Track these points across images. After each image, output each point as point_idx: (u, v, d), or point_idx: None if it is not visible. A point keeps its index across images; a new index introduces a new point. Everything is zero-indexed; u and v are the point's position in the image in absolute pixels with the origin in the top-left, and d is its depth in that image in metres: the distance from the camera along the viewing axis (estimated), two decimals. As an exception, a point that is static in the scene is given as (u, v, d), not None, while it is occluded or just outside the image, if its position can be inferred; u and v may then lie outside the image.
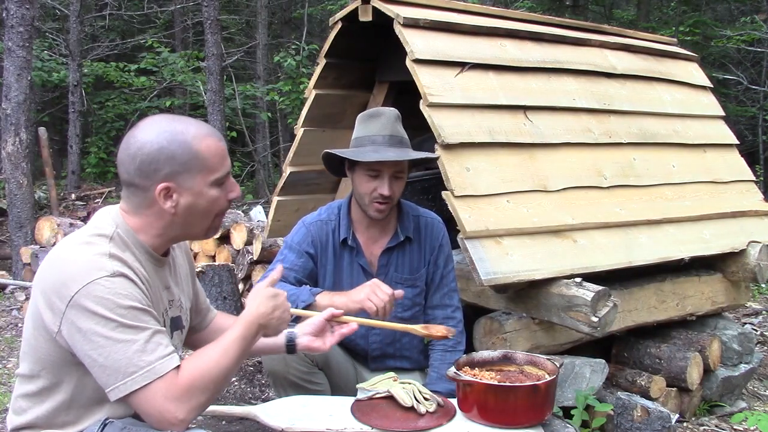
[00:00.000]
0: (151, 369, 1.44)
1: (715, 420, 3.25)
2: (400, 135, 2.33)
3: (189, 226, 1.61)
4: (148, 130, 1.55)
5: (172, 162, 1.52)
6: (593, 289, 2.56)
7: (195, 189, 1.56)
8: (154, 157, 1.51)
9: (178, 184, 1.54)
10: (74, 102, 10.92)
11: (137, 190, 1.56)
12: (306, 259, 2.40)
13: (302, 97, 6.86)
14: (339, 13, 3.27)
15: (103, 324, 1.43)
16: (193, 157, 1.54)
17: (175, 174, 1.53)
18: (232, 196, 1.64)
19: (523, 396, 1.95)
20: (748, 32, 10.13)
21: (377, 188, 2.29)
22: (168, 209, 1.55)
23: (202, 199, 1.57)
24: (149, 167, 1.52)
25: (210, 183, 1.57)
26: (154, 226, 1.59)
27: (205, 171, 1.56)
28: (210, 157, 1.56)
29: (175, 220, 1.58)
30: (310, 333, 1.92)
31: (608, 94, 3.47)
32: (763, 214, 3.69)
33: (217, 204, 1.61)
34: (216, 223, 1.66)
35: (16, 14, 5.97)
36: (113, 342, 1.43)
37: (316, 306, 2.19)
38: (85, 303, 1.43)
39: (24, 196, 6.22)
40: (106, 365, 1.44)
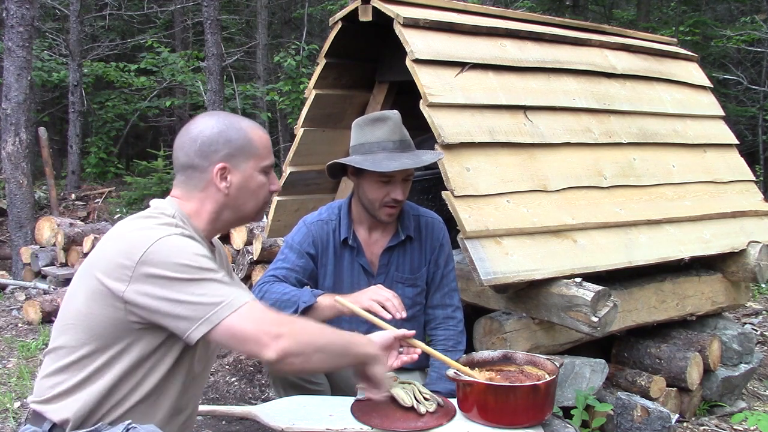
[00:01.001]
0: (238, 296, 1.50)
1: (715, 420, 3.25)
2: (408, 139, 2.35)
3: (239, 208, 1.72)
4: (208, 118, 1.72)
5: (230, 145, 1.67)
6: (593, 289, 2.56)
7: (247, 172, 1.70)
8: (215, 139, 1.67)
9: (232, 165, 1.68)
10: (74, 102, 10.92)
11: (194, 171, 1.68)
12: (307, 260, 2.40)
13: (302, 97, 6.85)
14: (339, 13, 3.27)
15: (180, 269, 1.48)
16: (247, 142, 1.69)
17: (231, 156, 1.67)
18: (274, 188, 1.77)
19: (523, 396, 1.95)
20: (748, 32, 10.13)
21: (389, 193, 2.30)
22: (222, 189, 1.68)
23: (252, 182, 1.71)
24: (209, 148, 1.66)
25: (260, 168, 1.72)
26: (206, 209, 1.70)
27: (257, 157, 1.71)
28: (261, 146, 1.72)
29: (227, 201, 1.69)
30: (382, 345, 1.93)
31: (608, 94, 3.47)
32: (763, 214, 3.69)
33: (263, 190, 1.74)
34: (263, 209, 1.78)
35: (16, 14, 5.98)
36: (193, 281, 1.48)
37: (318, 308, 2.19)
38: (157, 255, 1.49)
39: (24, 196, 6.22)
40: (191, 301, 1.47)
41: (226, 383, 3.63)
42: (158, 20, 14.39)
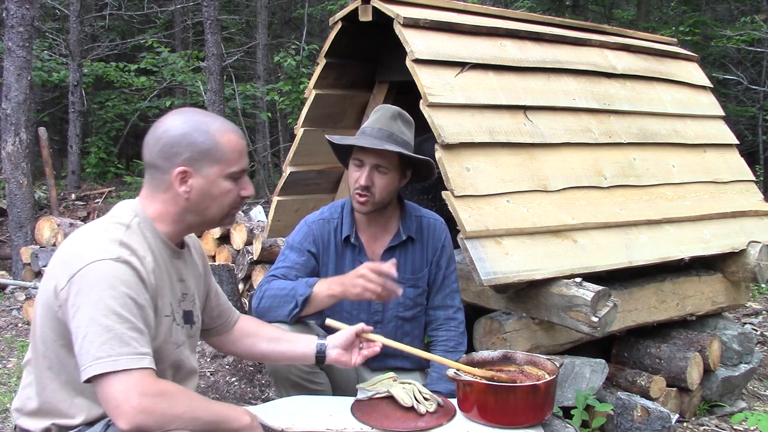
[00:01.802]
0: (118, 360, 1.44)
1: (715, 420, 3.25)
2: (390, 131, 2.32)
3: (201, 213, 1.66)
4: (176, 117, 1.65)
5: (193, 148, 1.60)
6: (593, 289, 2.56)
7: (210, 177, 1.63)
8: (177, 140, 1.60)
9: (194, 170, 1.61)
10: (74, 102, 10.92)
11: (157, 171, 1.63)
12: (308, 257, 2.41)
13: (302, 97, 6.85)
14: (339, 13, 3.27)
15: (93, 303, 1.45)
16: (213, 146, 1.62)
17: (194, 160, 1.61)
18: (244, 194, 1.70)
19: (523, 396, 1.95)
20: (748, 32, 10.13)
21: (358, 179, 2.31)
22: (182, 193, 1.62)
23: (215, 189, 1.64)
24: (171, 150, 1.60)
25: (225, 175, 1.64)
26: (170, 212, 1.65)
27: (223, 162, 1.63)
28: (229, 150, 1.64)
29: (188, 206, 1.64)
30: (339, 346, 1.96)
31: (608, 94, 3.47)
32: (763, 214, 3.69)
33: (229, 197, 1.67)
34: (231, 214, 1.72)
35: (16, 14, 5.97)
36: (95, 323, 1.44)
37: (315, 297, 2.19)
38: (82, 280, 1.47)
39: (24, 196, 6.22)
40: (82, 344, 1.45)
41: (226, 383, 3.63)
42: (158, 20, 14.39)
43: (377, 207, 2.36)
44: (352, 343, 1.97)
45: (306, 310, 2.22)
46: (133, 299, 1.50)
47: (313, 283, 2.23)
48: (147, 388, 1.45)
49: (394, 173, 2.34)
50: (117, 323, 1.46)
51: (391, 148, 2.26)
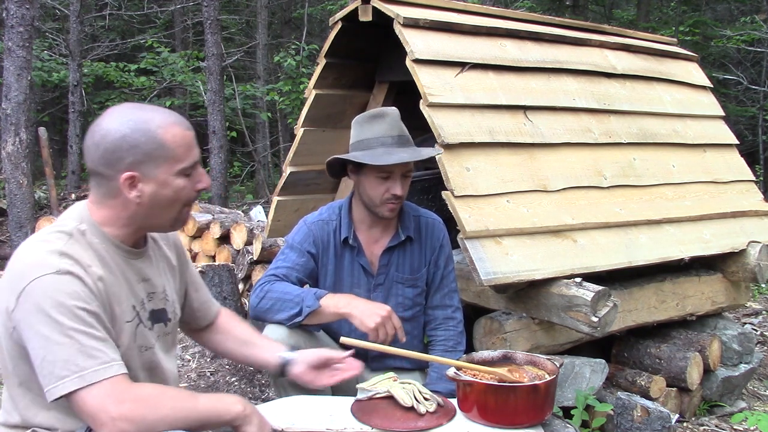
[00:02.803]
0: (84, 374, 1.40)
1: (715, 420, 3.25)
2: (406, 134, 2.35)
3: (155, 217, 1.58)
4: (112, 117, 1.53)
5: (135, 151, 1.50)
6: (593, 289, 2.56)
7: (160, 178, 1.53)
8: (118, 145, 1.50)
9: (142, 174, 1.52)
10: (74, 102, 10.92)
11: (102, 179, 1.54)
12: (307, 259, 2.41)
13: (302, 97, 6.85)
14: (339, 13, 3.27)
15: (44, 323, 1.40)
16: (157, 146, 1.52)
17: (139, 163, 1.51)
18: (200, 186, 1.61)
19: (523, 396, 1.95)
20: (748, 32, 10.14)
21: (389, 189, 2.29)
22: (133, 199, 1.53)
23: (167, 189, 1.55)
24: (113, 156, 1.50)
25: (175, 173, 1.55)
26: (120, 217, 1.57)
27: (171, 161, 1.54)
28: (175, 146, 1.54)
29: (140, 210, 1.56)
30: (308, 363, 1.93)
31: (608, 94, 3.47)
32: (763, 214, 3.69)
33: (183, 194, 1.58)
34: (183, 214, 1.63)
35: (16, 14, 5.97)
36: (51, 343, 1.40)
37: (321, 312, 2.19)
38: (28, 300, 1.42)
39: (24, 196, 6.22)
40: (42, 366, 1.41)
41: (226, 383, 3.63)
42: (158, 20, 14.39)
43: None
44: (324, 364, 1.93)
45: (308, 320, 2.22)
46: (83, 309, 1.44)
47: (321, 295, 2.22)
48: (121, 396, 1.41)
49: (413, 172, 2.39)
50: (73, 338, 1.40)
51: (429, 154, 2.33)
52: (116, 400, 1.40)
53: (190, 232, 4.98)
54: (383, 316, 2.14)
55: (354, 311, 2.16)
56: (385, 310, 2.16)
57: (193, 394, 1.58)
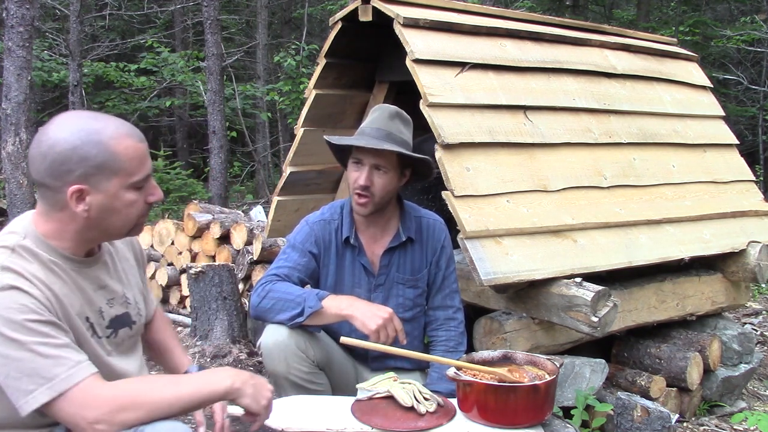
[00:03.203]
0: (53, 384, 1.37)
1: (715, 420, 3.25)
2: (388, 130, 2.32)
3: (105, 228, 1.54)
4: (62, 126, 1.46)
5: (86, 163, 1.43)
6: (593, 289, 2.56)
7: (110, 192, 1.48)
8: (67, 156, 1.43)
9: (91, 186, 1.46)
10: (74, 102, 10.90)
11: (48, 191, 1.47)
12: (309, 259, 2.41)
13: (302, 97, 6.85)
14: (339, 13, 3.27)
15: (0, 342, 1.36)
16: (108, 158, 1.45)
17: (89, 176, 1.44)
18: (152, 199, 1.56)
19: (523, 396, 1.95)
20: (748, 32, 10.14)
21: (357, 178, 2.31)
22: (80, 213, 1.47)
23: (117, 203, 1.49)
24: (61, 167, 1.43)
25: (127, 186, 1.49)
26: (67, 230, 1.51)
27: (122, 174, 1.48)
28: (127, 159, 1.48)
29: (88, 224, 1.50)
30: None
31: (608, 94, 3.47)
32: (763, 214, 3.69)
33: (134, 207, 1.53)
34: (138, 223, 1.58)
35: (16, 14, 5.97)
36: (9, 360, 1.36)
37: (322, 313, 2.19)
38: None
39: (24, 196, 6.21)
40: (7, 384, 1.38)
41: (226, 383, 3.63)
42: (158, 20, 14.39)
43: (377, 207, 2.35)
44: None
45: (310, 321, 2.22)
46: (36, 321, 1.39)
47: (323, 296, 2.22)
48: (95, 399, 1.38)
49: (393, 173, 2.34)
50: (33, 351, 1.37)
51: (389, 148, 2.26)
52: (91, 405, 1.38)
53: (190, 232, 4.98)
54: (385, 319, 2.13)
55: (356, 313, 2.16)
56: (387, 312, 2.16)
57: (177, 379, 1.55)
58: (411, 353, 2.13)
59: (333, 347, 2.40)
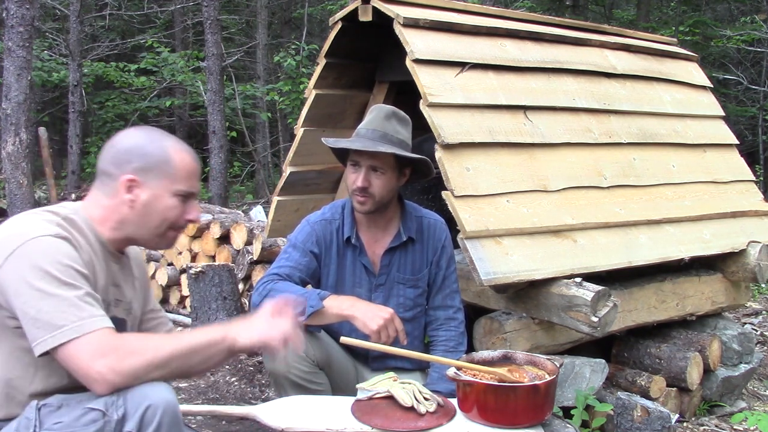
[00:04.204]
0: (81, 324, 1.45)
1: (715, 420, 3.25)
2: (384, 131, 2.31)
3: (142, 226, 1.66)
4: (135, 130, 1.70)
5: (144, 158, 1.63)
6: (593, 289, 2.56)
7: (156, 191, 1.64)
8: (130, 149, 1.64)
9: (143, 180, 1.63)
10: (74, 102, 10.92)
11: (106, 177, 1.64)
12: (310, 259, 2.41)
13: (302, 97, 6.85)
14: (339, 13, 3.27)
15: (39, 277, 1.45)
16: (164, 161, 1.64)
17: (143, 170, 1.62)
18: (189, 217, 1.70)
19: (523, 396, 1.95)
20: (748, 32, 10.14)
21: (355, 180, 2.31)
22: (126, 201, 1.63)
23: (159, 203, 1.65)
24: (123, 157, 1.63)
25: (172, 192, 1.65)
26: (111, 218, 1.65)
27: (171, 178, 1.65)
28: (180, 168, 1.65)
29: (130, 215, 1.64)
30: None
31: (608, 94, 3.47)
32: (763, 214, 3.69)
33: (172, 214, 1.67)
34: (169, 236, 1.71)
35: (16, 14, 5.97)
36: (46, 295, 1.44)
37: (324, 313, 2.20)
38: (24, 255, 1.47)
39: (24, 196, 6.22)
40: (37, 318, 1.44)
41: (226, 383, 3.63)
42: (158, 20, 14.39)
43: (377, 206, 2.36)
44: None
45: (311, 321, 2.22)
46: (77, 270, 1.50)
47: (324, 296, 2.22)
48: (107, 347, 1.45)
49: (391, 173, 2.34)
50: (68, 291, 1.46)
51: (384, 149, 2.26)
52: (105, 351, 1.44)
53: (190, 232, 4.98)
54: (386, 319, 2.14)
55: (357, 313, 2.16)
56: (388, 312, 2.16)
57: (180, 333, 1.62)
58: (411, 353, 2.13)
59: (333, 347, 2.40)
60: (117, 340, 1.48)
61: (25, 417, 1.49)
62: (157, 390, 1.47)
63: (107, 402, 1.44)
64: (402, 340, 2.18)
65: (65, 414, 1.47)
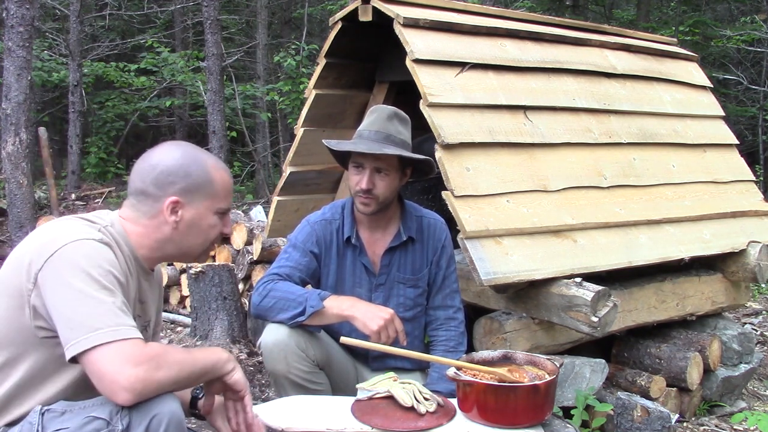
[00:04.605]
0: (117, 330, 1.45)
1: (715, 420, 3.25)
2: (387, 132, 2.32)
3: (183, 245, 1.69)
4: (172, 148, 1.70)
5: (188, 179, 1.65)
6: (593, 289, 2.56)
7: (200, 211, 1.67)
8: (174, 170, 1.64)
9: (186, 202, 1.65)
10: (74, 102, 10.92)
11: (147, 198, 1.65)
12: (310, 259, 2.41)
13: (302, 97, 6.85)
14: (339, 13, 3.27)
15: (81, 278, 1.46)
16: (207, 181, 1.67)
17: (188, 192, 1.65)
18: (226, 231, 1.76)
19: (523, 396, 1.95)
20: (748, 32, 10.14)
21: (359, 182, 2.31)
22: (171, 222, 1.65)
23: (203, 222, 1.69)
24: (167, 179, 1.63)
25: (214, 210, 1.70)
26: (150, 237, 1.67)
27: (214, 197, 1.69)
28: (221, 188, 1.70)
29: (173, 235, 1.67)
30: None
31: (608, 94, 3.47)
32: (763, 214, 3.69)
33: (213, 231, 1.72)
34: (209, 250, 1.76)
35: (16, 14, 5.97)
36: (85, 296, 1.45)
37: (324, 313, 2.20)
38: (67, 256, 1.47)
39: (24, 196, 6.21)
40: (72, 318, 1.44)
41: (226, 383, 3.63)
42: (158, 20, 14.38)
43: (381, 207, 2.36)
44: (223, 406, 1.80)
45: (311, 321, 2.22)
46: (116, 277, 1.51)
47: (324, 297, 2.22)
48: (141, 357, 1.45)
49: (394, 174, 2.34)
50: (107, 296, 1.47)
51: (390, 152, 2.26)
52: (136, 362, 1.44)
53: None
54: (386, 320, 2.14)
55: (357, 314, 2.17)
56: (388, 313, 2.16)
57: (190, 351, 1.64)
58: (411, 353, 2.13)
59: (333, 347, 2.40)
60: (150, 351, 1.48)
61: (29, 422, 1.49)
62: (162, 400, 1.47)
63: (112, 411, 1.44)
64: (402, 340, 2.18)
65: (68, 420, 1.46)
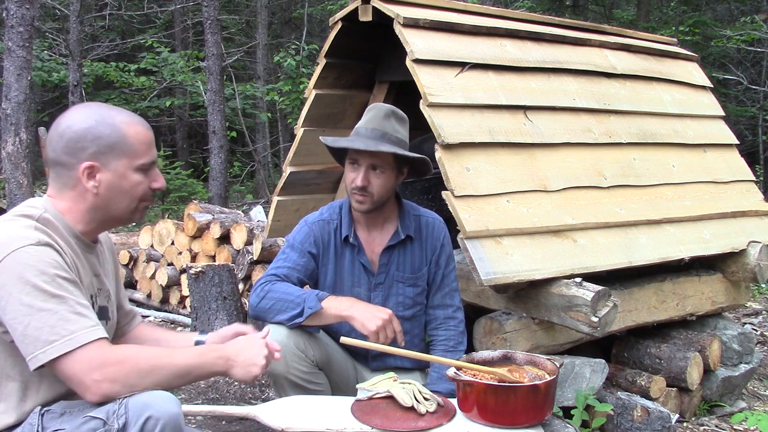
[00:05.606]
0: (72, 338, 1.44)
1: (715, 420, 3.25)
2: (383, 130, 2.32)
3: (112, 208, 1.64)
4: (79, 111, 1.62)
5: (99, 142, 1.58)
6: (593, 289, 2.56)
7: (118, 171, 1.60)
8: (82, 135, 1.57)
9: (102, 164, 1.59)
10: (74, 102, 10.89)
11: (62, 169, 1.59)
12: (308, 259, 2.41)
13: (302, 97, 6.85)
14: (339, 13, 3.27)
15: (26, 292, 1.43)
16: (119, 139, 1.59)
17: (100, 154, 1.58)
18: (156, 186, 1.68)
19: (523, 396, 1.95)
20: (748, 32, 10.14)
21: (355, 179, 2.31)
22: (90, 189, 1.59)
23: (124, 182, 1.62)
24: (76, 145, 1.57)
25: (134, 168, 1.62)
26: (78, 209, 1.62)
27: (131, 155, 1.61)
28: (136, 142, 1.62)
29: (97, 201, 1.61)
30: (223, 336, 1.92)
31: (608, 94, 3.47)
32: (763, 214, 3.69)
33: (139, 188, 1.65)
34: (141, 208, 1.69)
35: (16, 14, 5.97)
36: (36, 310, 1.43)
37: (322, 313, 2.20)
38: (8, 270, 1.44)
39: (24, 196, 6.20)
40: (26, 334, 1.43)
41: (226, 383, 3.63)
42: (158, 20, 14.39)
43: (376, 205, 2.36)
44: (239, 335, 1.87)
45: (309, 321, 2.22)
46: (65, 278, 1.49)
47: (323, 297, 2.22)
48: (106, 358, 1.46)
49: (390, 172, 2.34)
50: (60, 303, 1.45)
51: (385, 149, 2.26)
52: (100, 364, 1.45)
53: (190, 232, 4.98)
54: (384, 320, 2.14)
55: (355, 314, 2.17)
56: (387, 313, 2.16)
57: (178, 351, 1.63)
58: (411, 353, 2.13)
59: (333, 347, 2.40)
60: (110, 352, 1.48)
61: (29, 423, 1.50)
62: (159, 401, 1.47)
63: (108, 411, 1.45)
64: (399, 341, 2.18)
65: (67, 421, 1.47)
